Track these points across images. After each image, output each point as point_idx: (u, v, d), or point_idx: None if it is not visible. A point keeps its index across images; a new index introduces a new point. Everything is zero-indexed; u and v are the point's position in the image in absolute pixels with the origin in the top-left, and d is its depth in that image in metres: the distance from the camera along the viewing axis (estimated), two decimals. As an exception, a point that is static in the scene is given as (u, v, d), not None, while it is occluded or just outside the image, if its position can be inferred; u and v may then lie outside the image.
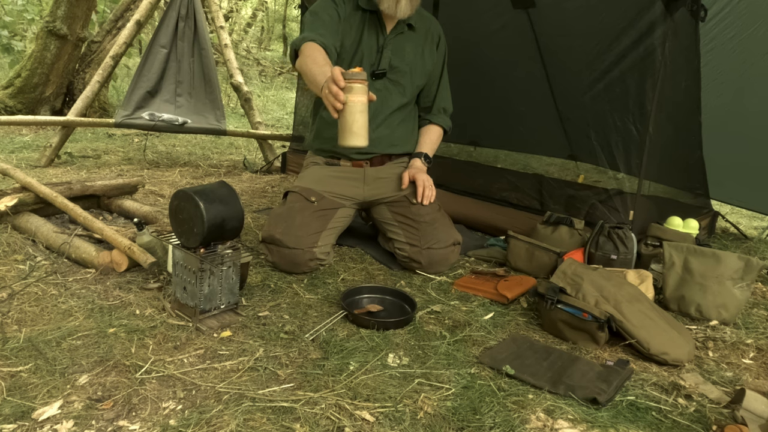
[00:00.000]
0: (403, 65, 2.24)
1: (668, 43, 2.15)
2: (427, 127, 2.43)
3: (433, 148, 2.41)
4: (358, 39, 2.19)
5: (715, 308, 1.95)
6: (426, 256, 2.17)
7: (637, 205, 2.35)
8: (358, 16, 2.18)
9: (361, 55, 2.19)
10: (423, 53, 2.28)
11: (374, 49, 2.21)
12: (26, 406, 1.23)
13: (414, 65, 2.26)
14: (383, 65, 2.21)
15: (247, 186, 3.56)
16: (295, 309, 1.81)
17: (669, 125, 2.44)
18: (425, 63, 2.29)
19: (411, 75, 2.27)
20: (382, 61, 2.20)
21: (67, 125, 3.77)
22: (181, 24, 3.91)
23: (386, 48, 2.20)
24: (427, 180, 2.25)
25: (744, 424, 1.30)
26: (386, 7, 2.08)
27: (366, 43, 2.19)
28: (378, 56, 2.21)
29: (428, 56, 2.30)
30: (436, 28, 2.33)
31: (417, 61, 2.27)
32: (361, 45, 2.19)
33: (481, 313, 1.87)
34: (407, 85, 2.27)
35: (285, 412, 1.26)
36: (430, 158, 2.39)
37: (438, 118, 2.41)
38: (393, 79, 2.24)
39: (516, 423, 1.27)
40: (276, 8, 14.77)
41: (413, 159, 2.35)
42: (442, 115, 2.43)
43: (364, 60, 2.20)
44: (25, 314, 1.63)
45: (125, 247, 1.91)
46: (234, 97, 6.71)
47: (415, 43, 2.26)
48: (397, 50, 2.22)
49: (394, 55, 2.22)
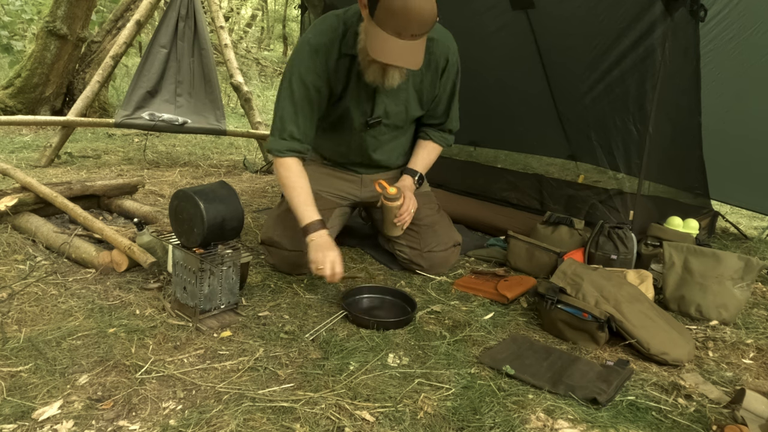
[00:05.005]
0: (397, 107, 2.03)
1: (668, 44, 2.15)
2: (427, 143, 2.21)
3: (427, 167, 2.22)
4: (346, 86, 1.95)
5: (715, 308, 1.95)
6: (427, 258, 2.17)
7: (637, 205, 2.35)
8: (346, 62, 1.90)
9: (350, 102, 1.98)
10: (421, 84, 2.02)
11: (365, 97, 1.97)
12: (26, 406, 1.23)
13: (409, 102, 2.04)
14: (378, 113, 2.01)
15: (247, 186, 3.56)
16: (295, 309, 1.81)
17: (669, 125, 2.44)
18: (423, 95, 2.05)
19: (406, 113, 2.07)
20: (376, 109, 1.99)
21: (67, 125, 3.78)
22: (181, 24, 3.91)
23: (380, 94, 1.96)
24: (412, 204, 2.04)
25: (744, 424, 1.30)
26: (371, 81, 1.85)
27: (354, 91, 1.95)
28: (371, 104, 1.99)
29: (428, 87, 2.04)
30: (442, 51, 1.98)
31: (412, 95, 2.03)
32: (348, 92, 1.96)
33: (481, 313, 1.87)
34: (400, 123, 2.10)
35: (285, 412, 1.26)
36: (423, 178, 2.21)
37: (441, 138, 2.22)
38: (387, 123, 2.07)
39: (516, 423, 1.27)
40: (276, 8, 14.77)
41: (405, 175, 2.16)
42: (446, 135, 2.23)
43: (353, 108, 1.99)
44: (25, 314, 1.63)
45: (125, 247, 1.91)
46: (234, 97, 6.71)
47: (413, 76, 1.97)
48: (392, 93, 1.97)
49: (389, 100, 1.99)
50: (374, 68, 1.81)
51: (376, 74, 1.82)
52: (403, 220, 2.03)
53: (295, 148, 1.94)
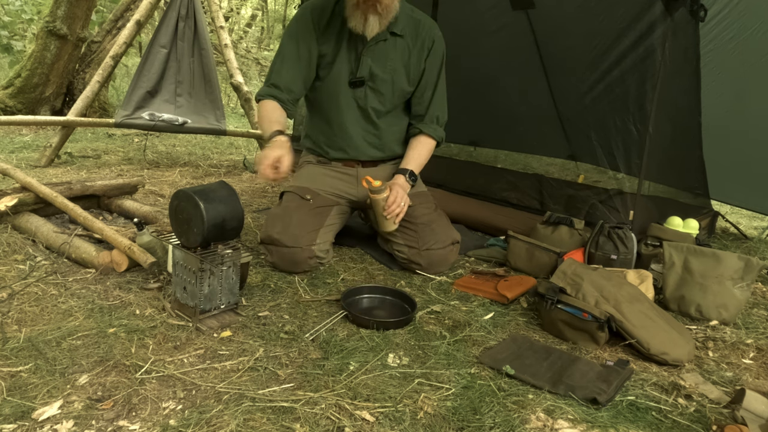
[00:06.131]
0: (383, 74, 2.14)
1: (668, 44, 2.15)
2: (418, 139, 2.26)
3: (420, 164, 2.24)
4: (337, 47, 2.12)
5: (715, 308, 1.95)
6: (425, 257, 2.17)
7: (637, 205, 2.35)
8: (338, 23, 2.09)
9: (339, 63, 2.13)
10: (409, 60, 2.16)
11: (353, 57, 2.12)
12: (26, 406, 1.23)
13: (396, 73, 2.15)
14: (362, 73, 2.13)
15: (247, 186, 3.56)
16: (295, 309, 1.81)
17: (669, 125, 2.44)
18: (410, 70, 2.17)
19: (392, 83, 2.16)
20: (360, 69, 2.12)
21: (67, 125, 3.78)
22: (181, 24, 3.91)
23: (365, 56, 2.11)
24: (400, 196, 2.07)
25: (744, 424, 1.30)
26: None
27: (344, 52, 2.12)
28: (356, 64, 2.13)
29: (415, 63, 2.17)
30: (429, 32, 2.17)
31: (399, 68, 2.15)
32: (339, 53, 2.12)
33: (481, 313, 1.87)
34: (387, 93, 2.17)
35: (285, 412, 1.26)
36: (416, 176, 2.21)
37: (430, 128, 2.25)
38: (373, 87, 2.16)
39: (516, 423, 1.27)
40: (276, 8, 14.78)
41: (397, 174, 2.17)
42: (435, 125, 2.26)
43: (342, 68, 2.13)
44: (25, 314, 1.63)
45: (125, 247, 1.91)
46: (234, 97, 6.71)
47: (401, 50, 2.14)
48: (379, 58, 2.12)
49: (374, 63, 2.12)
50: (357, 14, 2.00)
51: (357, 20, 2.01)
52: (391, 212, 2.05)
53: (274, 94, 2.13)
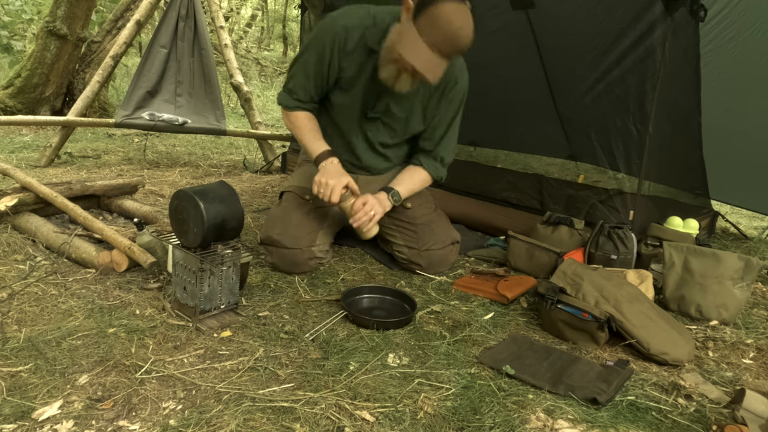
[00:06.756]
0: (400, 112, 2.06)
1: (668, 44, 2.15)
2: (416, 169, 2.18)
3: (410, 190, 2.15)
4: (358, 75, 1.99)
5: (715, 308, 1.95)
6: (425, 257, 2.17)
7: (637, 205, 2.35)
8: (363, 53, 1.95)
9: (356, 93, 2.02)
10: (428, 101, 2.06)
11: (372, 93, 2.01)
12: (26, 406, 1.23)
13: (413, 113, 2.08)
14: (378, 110, 2.06)
15: (247, 186, 3.56)
16: (295, 309, 1.81)
17: (669, 125, 2.44)
18: (428, 111, 2.09)
19: (406, 122, 2.09)
20: (377, 105, 2.04)
21: (67, 125, 3.78)
22: (181, 24, 3.91)
23: (386, 95, 2.00)
24: (369, 205, 1.98)
25: (744, 424, 1.30)
26: (383, 78, 1.88)
27: (363, 83, 2.00)
28: (375, 100, 2.03)
29: (434, 105, 2.08)
30: (454, 74, 2.02)
31: (417, 109, 2.07)
32: (357, 84, 2.00)
33: (481, 313, 1.87)
34: (399, 129, 2.12)
35: (285, 412, 1.26)
36: (399, 199, 2.10)
37: (432, 167, 2.18)
38: (386, 122, 2.10)
39: (516, 423, 1.27)
40: (276, 8, 14.78)
41: (380, 191, 2.08)
42: (438, 164, 2.19)
43: (357, 99, 2.03)
44: (25, 314, 1.63)
45: (125, 247, 1.91)
46: (234, 97, 6.71)
47: (423, 90, 2.02)
48: (399, 97, 2.00)
49: (393, 101, 2.03)
50: (391, 68, 1.83)
51: (390, 74, 1.85)
52: (358, 220, 1.96)
53: (301, 107, 2.11)
